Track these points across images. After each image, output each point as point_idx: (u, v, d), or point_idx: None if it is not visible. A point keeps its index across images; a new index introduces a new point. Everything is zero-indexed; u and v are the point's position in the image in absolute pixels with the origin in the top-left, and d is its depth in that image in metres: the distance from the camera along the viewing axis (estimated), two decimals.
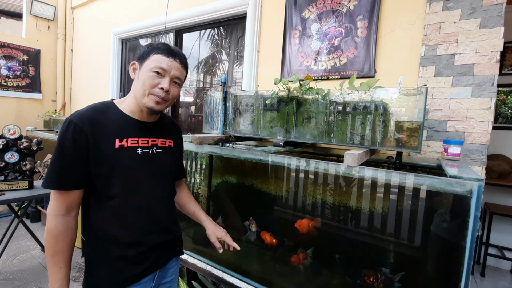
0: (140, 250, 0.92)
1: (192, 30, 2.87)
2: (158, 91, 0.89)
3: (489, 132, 1.40)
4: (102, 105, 0.92)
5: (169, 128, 1.08)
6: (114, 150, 0.86)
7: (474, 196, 0.86)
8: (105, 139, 0.86)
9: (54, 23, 4.04)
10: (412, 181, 0.95)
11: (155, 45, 0.92)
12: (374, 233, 1.47)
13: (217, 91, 1.79)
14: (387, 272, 1.28)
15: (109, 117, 0.90)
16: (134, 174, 0.90)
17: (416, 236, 1.35)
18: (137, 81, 0.92)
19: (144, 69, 0.89)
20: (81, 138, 0.82)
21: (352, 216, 1.56)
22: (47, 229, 0.83)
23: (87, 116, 0.85)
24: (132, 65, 0.95)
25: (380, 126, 1.23)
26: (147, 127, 0.97)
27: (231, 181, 1.83)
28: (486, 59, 1.42)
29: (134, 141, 0.91)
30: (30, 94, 3.85)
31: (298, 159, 1.18)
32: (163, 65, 0.89)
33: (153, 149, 0.96)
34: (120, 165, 0.87)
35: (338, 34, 1.82)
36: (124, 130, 0.90)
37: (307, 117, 1.43)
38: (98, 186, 0.87)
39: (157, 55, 0.89)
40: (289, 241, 1.58)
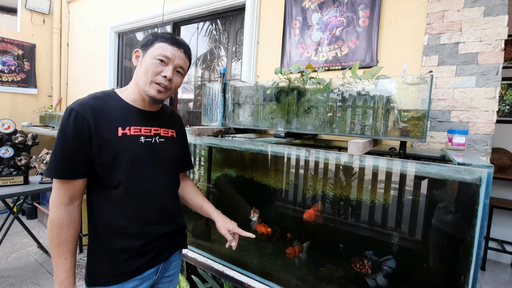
0: (144, 242, 0.90)
1: (190, 22, 2.82)
2: (161, 79, 0.88)
3: (493, 122, 1.38)
4: (104, 94, 0.91)
5: (171, 118, 1.06)
6: (117, 138, 0.85)
7: (484, 184, 0.83)
8: (108, 127, 0.84)
9: (50, 17, 3.97)
10: (419, 170, 0.92)
11: (160, 34, 0.90)
12: (378, 225, 1.44)
13: (216, 83, 1.76)
14: (371, 255, 1.24)
15: (111, 106, 0.88)
16: (137, 163, 0.88)
17: (423, 227, 1.33)
18: (139, 68, 0.90)
19: (148, 56, 0.88)
20: (83, 126, 0.80)
21: (356, 208, 1.54)
22: (50, 220, 0.82)
23: (88, 104, 0.84)
24: (135, 52, 0.93)
25: (383, 116, 1.20)
26: (149, 116, 0.96)
27: (231, 174, 1.80)
28: (491, 48, 1.39)
29: (136, 130, 0.90)
30: (25, 90, 3.79)
31: (299, 149, 1.15)
32: (167, 53, 0.87)
33: (156, 138, 0.95)
34: (123, 153, 0.85)
35: (339, 24, 1.79)
36: (126, 119, 0.89)
37: (309, 108, 1.40)
38: (101, 175, 0.85)
39: (161, 43, 0.88)
40: (293, 234, 1.55)
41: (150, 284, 0.96)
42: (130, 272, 0.88)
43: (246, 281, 1.35)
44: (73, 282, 0.84)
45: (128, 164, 0.86)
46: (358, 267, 1.26)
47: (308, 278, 1.38)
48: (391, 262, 1.20)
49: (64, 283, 0.82)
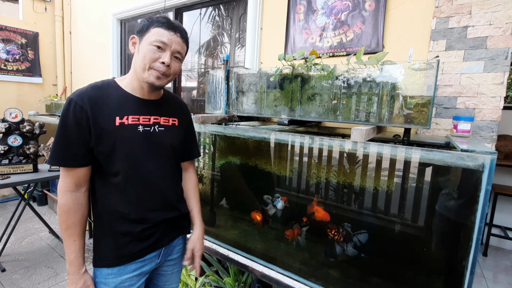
0: (145, 227, 0.93)
1: (192, 8, 2.78)
2: (159, 65, 0.87)
3: (500, 108, 1.36)
4: (103, 83, 0.91)
5: (174, 106, 1.05)
6: (114, 128, 0.86)
7: (486, 170, 0.83)
8: (105, 116, 0.86)
9: (51, 5, 3.93)
10: (422, 156, 0.93)
11: (155, 18, 0.89)
12: (381, 211, 1.46)
13: (219, 70, 1.75)
14: (348, 226, 1.31)
15: (110, 95, 0.89)
16: (135, 152, 0.90)
17: (426, 213, 1.34)
18: (137, 55, 0.89)
19: (144, 42, 0.87)
20: (81, 115, 0.82)
21: (359, 195, 1.55)
22: (59, 205, 0.86)
23: (87, 94, 0.85)
24: (132, 39, 0.93)
25: (388, 102, 1.19)
26: (149, 104, 0.96)
27: (235, 161, 1.82)
28: (501, 31, 1.35)
29: (135, 119, 0.90)
30: (30, 79, 3.81)
31: (303, 136, 1.15)
32: (164, 39, 0.87)
33: (155, 127, 0.95)
34: (121, 142, 0.87)
35: (345, 8, 1.74)
36: (124, 108, 0.90)
37: (312, 95, 1.39)
38: (101, 164, 0.88)
39: (157, 28, 0.87)
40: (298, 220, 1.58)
41: (153, 266, 1.00)
42: (132, 255, 0.92)
43: (250, 265, 1.39)
44: (82, 262, 0.89)
45: (126, 153, 0.88)
46: (332, 233, 1.34)
47: (310, 262, 1.41)
48: (363, 236, 1.27)
49: (74, 263, 0.87)
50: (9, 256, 2.46)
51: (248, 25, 2.18)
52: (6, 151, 2.29)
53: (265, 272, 1.35)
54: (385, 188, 1.45)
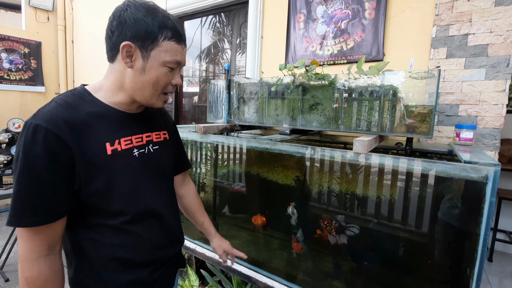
0: (152, 268, 0.77)
1: (193, 17, 2.80)
2: (171, 88, 0.74)
3: (503, 115, 1.35)
4: (75, 97, 0.68)
5: (159, 116, 0.89)
6: (106, 158, 0.66)
7: (490, 182, 0.82)
8: (93, 145, 0.65)
9: (54, 14, 3.98)
10: (425, 168, 0.92)
11: (162, 23, 0.67)
12: (385, 218, 1.45)
13: (220, 80, 1.76)
14: (342, 218, 1.33)
15: (89, 114, 0.66)
16: (136, 183, 0.73)
17: (428, 223, 1.33)
18: (139, 74, 0.68)
19: (155, 61, 0.67)
20: (59, 149, 0.59)
21: (360, 203, 1.54)
22: (26, 280, 0.61)
23: (60, 117, 0.61)
24: (125, 48, 0.66)
25: (389, 112, 1.19)
26: (137, 119, 0.77)
27: (237, 170, 1.82)
28: (502, 39, 1.35)
29: (127, 141, 0.72)
30: (33, 87, 3.84)
31: (305, 147, 1.15)
32: (178, 58, 0.70)
33: (149, 147, 0.78)
34: (117, 176, 0.68)
35: (344, 17, 1.75)
36: (113, 129, 0.69)
37: (314, 104, 1.39)
38: (94, 206, 0.67)
39: (169, 41, 0.68)
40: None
41: None
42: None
43: (253, 276, 1.39)
44: None
45: (126, 188, 0.70)
46: (325, 224, 1.36)
47: (314, 273, 1.41)
48: (354, 229, 1.32)
49: None
50: (12, 266, 2.46)
51: (248, 34, 2.19)
52: (10, 161, 2.30)
53: (268, 283, 1.34)
54: (389, 196, 1.45)
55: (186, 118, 3.20)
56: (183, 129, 1.83)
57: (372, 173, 1.47)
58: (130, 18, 0.66)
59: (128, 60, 0.68)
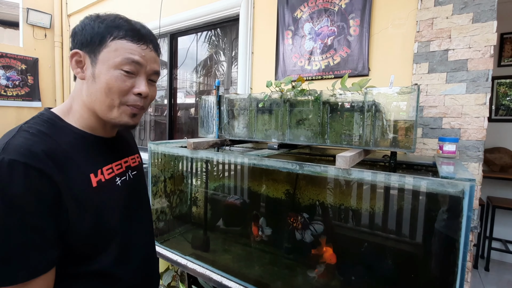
0: None
1: (186, 33, 2.87)
2: (135, 98, 0.62)
3: (485, 128, 1.39)
4: (47, 125, 0.59)
5: (129, 139, 0.84)
6: (92, 191, 0.60)
7: (466, 197, 0.85)
8: (77, 177, 0.57)
9: (51, 31, 4.06)
10: (403, 182, 0.94)
11: (110, 22, 0.60)
12: (366, 230, 1.46)
13: (211, 95, 1.79)
14: (306, 216, 1.43)
15: (67, 143, 0.59)
16: (125, 216, 0.67)
17: (409, 235, 1.34)
18: (91, 83, 0.60)
19: (104, 65, 0.59)
20: (43, 185, 0.51)
21: (345, 215, 1.56)
22: None
23: (40, 148, 0.53)
24: (74, 56, 0.61)
25: (373, 126, 1.23)
26: (113, 144, 0.72)
27: (228, 184, 1.83)
28: (480, 54, 1.40)
29: (109, 170, 0.66)
30: (29, 103, 3.88)
31: (289, 162, 1.18)
32: (135, 57, 0.60)
33: (129, 173, 0.73)
34: (104, 210, 0.62)
35: (330, 33, 1.81)
36: (93, 158, 0.63)
37: (301, 119, 1.42)
38: (77, 249, 0.58)
39: (120, 41, 0.59)
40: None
41: None
42: None
43: None
44: None
45: (115, 223, 0.64)
46: (291, 221, 1.44)
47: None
48: (318, 226, 1.39)
49: None
50: None
51: (239, 50, 2.25)
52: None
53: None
54: (370, 208, 1.46)
55: (182, 131, 3.22)
56: (175, 144, 1.85)
57: (358, 185, 1.49)
58: (79, 27, 0.61)
59: (79, 70, 0.62)
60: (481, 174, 1.40)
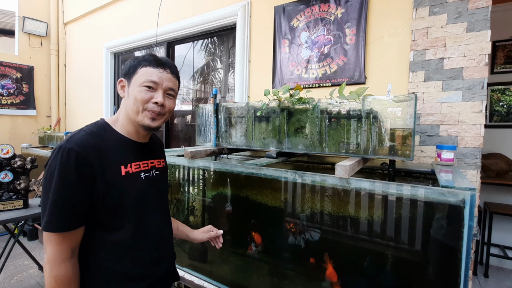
0: (149, 283, 0.87)
1: (183, 42, 2.88)
2: (153, 106, 0.84)
3: (481, 135, 1.39)
4: (98, 128, 0.85)
5: (159, 147, 1.06)
6: (121, 178, 0.81)
7: (467, 206, 0.84)
8: (111, 167, 0.80)
9: (47, 40, 4.05)
10: (404, 192, 0.94)
11: (141, 58, 0.86)
12: (365, 238, 1.45)
13: (208, 104, 1.79)
14: (303, 222, 1.42)
15: (109, 142, 0.83)
16: (142, 201, 0.86)
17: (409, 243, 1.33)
18: (127, 98, 0.86)
19: (134, 85, 0.84)
20: (86, 168, 0.74)
21: (343, 223, 1.54)
22: (54, 278, 0.73)
23: (88, 142, 0.77)
24: (120, 83, 0.89)
25: (371, 135, 1.22)
26: (145, 148, 0.93)
27: (226, 193, 1.81)
28: (475, 62, 1.42)
29: (137, 165, 0.88)
30: (24, 111, 3.84)
31: (288, 172, 1.17)
32: (154, 78, 0.83)
33: (153, 172, 0.93)
34: (127, 193, 0.82)
35: (327, 42, 1.83)
36: (126, 155, 0.86)
37: (299, 127, 1.42)
38: (103, 219, 0.79)
39: (145, 68, 0.84)
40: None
41: None
42: None
43: None
44: None
45: (133, 204, 0.83)
46: (290, 226, 1.44)
47: None
48: (315, 234, 1.38)
49: None
50: None
51: (236, 58, 2.26)
52: None
53: None
54: (370, 216, 1.45)
55: (179, 138, 3.21)
56: (172, 153, 1.84)
57: (356, 194, 1.48)
58: (125, 64, 0.89)
59: (122, 92, 0.89)
60: (479, 181, 1.41)
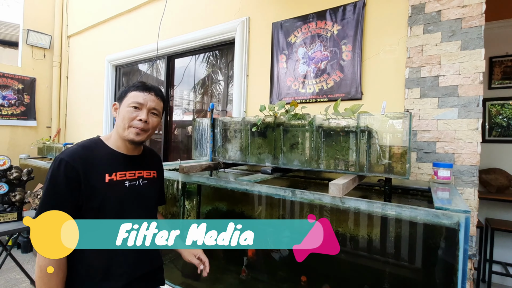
0: (127, 281, 0.96)
1: (183, 55, 2.92)
2: (137, 122, 0.97)
3: (478, 153, 1.38)
4: (91, 142, 0.99)
5: (152, 159, 1.15)
6: (104, 185, 0.92)
7: (462, 229, 0.82)
8: (96, 174, 0.92)
9: (50, 52, 4.11)
10: (399, 213, 0.92)
11: (132, 84, 1.02)
12: (362, 257, 1.41)
13: (206, 118, 1.79)
14: None
15: (98, 153, 0.96)
16: (123, 206, 0.96)
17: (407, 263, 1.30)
18: (118, 117, 1.00)
19: (123, 106, 0.99)
20: (72, 175, 0.87)
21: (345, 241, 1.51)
22: (39, 267, 0.84)
23: (77, 154, 0.91)
24: (114, 106, 1.04)
25: (366, 152, 1.22)
26: (133, 160, 1.04)
27: (222, 208, 1.79)
28: (470, 80, 1.42)
29: (122, 175, 0.98)
30: (24, 122, 3.86)
31: (282, 189, 1.16)
32: (139, 99, 0.98)
33: (140, 181, 1.03)
34: (110, 198, 0.93)
35: (324, 58, 1.84)
36: (112, 165, 0.97)
37: (294, 143, 1.41)
38: (88, 218, 0.90)
39: (133, 92, 0.99)
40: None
41: None
42: None
43: None
44: None
45: (114, 209, 0.93)
46: None
47: None
48: None
49: None
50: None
51: (235, 72, 2.28)
52: None
53: None
54: (367, 235, 1.42)
55: (178, 149, 3.20)
56: (168, 166, 1.83)
57: (351, 212, 1.46)
58: (120, 90, 1.04)
59: (115, 113, 1.03)
60: (477, 199, 1.38)
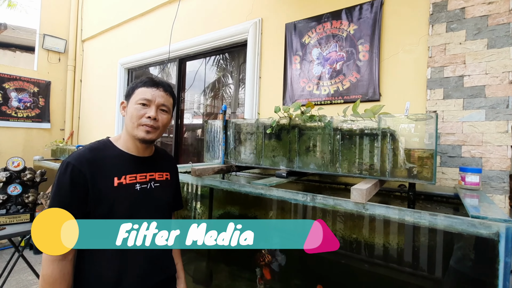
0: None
1: (195, 58, 2.91)
2: (146, 120, 0.91)
3: (509, 157, 1.29)
4: (99, 144, 0.94)
5: (165, 160, 1.09)
6: (113, 189, 0.87)
7: (502, 240, 0.75)
8: (104, 178, 0.86)
9: (65, 56, 4.20)
10: (430, 222, 0.85)
11: (139, 80, 0.96)
12: (384, 266, 1.33)
13: (218, 120, 1.76)
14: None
15: (107, 156, 0.91)
16: (134, 212, 0.90)
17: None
18: (126, 116, 0.94)
19: (131, 103, 0.93)
20: (79, 179, 0.82)
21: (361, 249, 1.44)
22: (42, 276, 0.80)
23: (84, 157, 0.86)
24: (122, 104, 0.98)
25: (388, 155, 1.15)
26: (144, 161, 0.98)
27: (234, 212, 1.74)
28: (498, 80, 1.34)
29: (132, 178, 0.92)
30: (39, 124, 3.93)
31: (299, 194, 1.10)
32: (147, 96, 0.91)
33: (151, 184, 0.97)
34: (119, 203, 0.87)
35: (339, 59, 1.79)
36: (122, 167, 0.91)
37: (310, 146, 1.36)
38: None
39: (140, 88, 0.93)
40: None
41: None
42: None
43: None
44: None
45: (124, 214, 0.87)
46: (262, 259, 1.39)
47: None
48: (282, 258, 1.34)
49: None
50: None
51: (247, 74, 2.24)
52: (5, 200, 2.26)
53: None
54: (391, 242, 1.35)
55: (189, 152, 3.18)
56: (179, 169, 1.79)
57: (371, 219, 1.38)
58: (127, 87, 0.98)
59: (123, 112, 0.97)
60: (508, 207, 1.29)
